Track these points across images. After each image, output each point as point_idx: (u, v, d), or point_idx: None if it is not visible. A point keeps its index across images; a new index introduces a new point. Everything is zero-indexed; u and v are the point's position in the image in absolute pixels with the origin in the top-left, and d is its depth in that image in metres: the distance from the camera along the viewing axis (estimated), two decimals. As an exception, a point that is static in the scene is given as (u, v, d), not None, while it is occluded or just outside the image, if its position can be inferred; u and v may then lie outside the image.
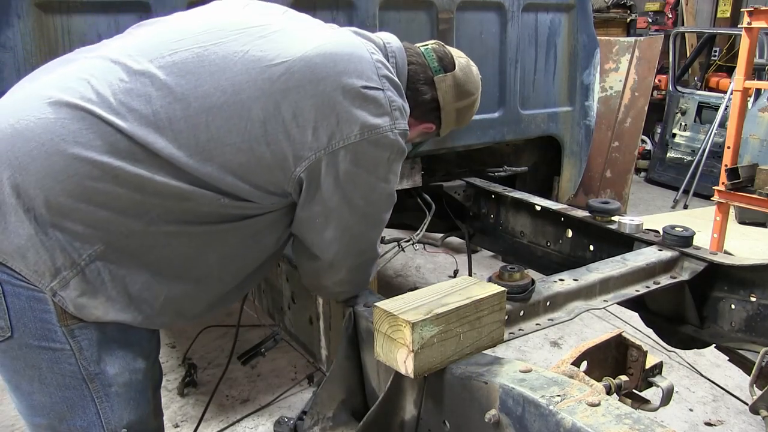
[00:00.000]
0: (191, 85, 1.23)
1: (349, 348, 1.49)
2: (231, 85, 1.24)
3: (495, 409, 1.08)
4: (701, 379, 3.13)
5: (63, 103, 1.19)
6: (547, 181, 3.18)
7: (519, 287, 1.57)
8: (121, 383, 1.30)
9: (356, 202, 1.34)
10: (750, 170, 3.73)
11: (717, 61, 7.80)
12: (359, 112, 1.27)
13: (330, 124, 1.25)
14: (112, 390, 1.29)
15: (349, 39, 1.37)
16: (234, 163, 1.24)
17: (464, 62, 1.64)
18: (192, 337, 3.31)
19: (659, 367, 1.45)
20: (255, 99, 1.23)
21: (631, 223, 2.07)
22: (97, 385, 1.27)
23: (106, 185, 1.18)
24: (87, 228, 1.19)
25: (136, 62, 1.24)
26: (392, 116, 1.31)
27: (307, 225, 1.38)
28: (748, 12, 3.63)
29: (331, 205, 1.32)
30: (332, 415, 1.48)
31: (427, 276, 4.51)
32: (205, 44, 1.27)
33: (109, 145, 1.18)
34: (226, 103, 1.23)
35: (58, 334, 1.23)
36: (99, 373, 1.27)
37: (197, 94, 1.23)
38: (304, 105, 1.25)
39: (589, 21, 2.99)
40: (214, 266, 1.36)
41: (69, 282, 1.20)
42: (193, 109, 1.22)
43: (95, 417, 1.28)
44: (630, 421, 0.94)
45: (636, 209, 6.17)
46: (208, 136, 1.22)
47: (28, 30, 1.75)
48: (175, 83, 1.22)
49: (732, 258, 1.89)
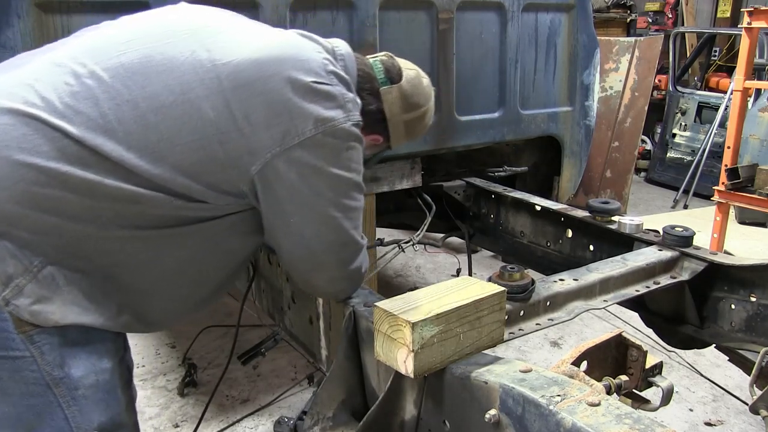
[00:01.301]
0: (139, 86, 1.22)
1: (349, 348, 1.49)
2: (179, 85, 1.22)
3: (495, 408, 1.08)
4: (701, 379, 3.13)
5: (6, 110, 1.17)
6: (547, 181, 3.18)
7: (519, 287, 1.57)
8: (88, 385, 1.27)
9: (324, 195, 1.32)
10: (750, 170, 3.74)
11: (717, 61, 7.80)
12: (311, 106, 1.26)
13: (283, 121, 1.25)
14: (78, 393, 1.26)
15: (296, 40, 1.38)
16: (186, 163, 1.23)
17: (413, 74, 1.62)
18: (192, 337, 3.31)
19: (659, 367, 1.45)
20: (204, 98, 1.23)
21: (631, 223, 2.07)
22: (63, 390, 1.25)
23: (54, 191, 1.16)
24: (37, 235, 1.18)
25: (81, 65, 1.23)
26: (345, 108, 1.31)
27: (281, 229, 1.36)
28: (748, 12, 3.63)
29: (299, 203, 1.31)
30: (332, 415, 1.47)
31: (427, 276, 4.51)
32: (152, 45, 1.26)
33: (56, 150, 1.16)
34: (174, 103, 1.22)
35: (17, 342, 1.20)
36: (63, 377, 1.24)
37: (145, 94, 1.21)
38: (254, 103, 1.24)
39: (589, 21, 2.99)
40: (171, 272, 1.35)
41: (23, 289, 1.18)
42: (141, 109, 1.21)
43: (64, 422, 1.25)
44: (630, 420, 0.94)
45: (636, 209, 6.17)
46: (158, 137, 1.21)
47: (28, 30, 1.75)
48: (122, 84, 1.21)
49: (732, 258, 1.89)
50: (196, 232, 1.32)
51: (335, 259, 1.43)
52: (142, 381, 3.10)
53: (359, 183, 1.40)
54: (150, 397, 2.98)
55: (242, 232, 1.41)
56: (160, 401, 2.95)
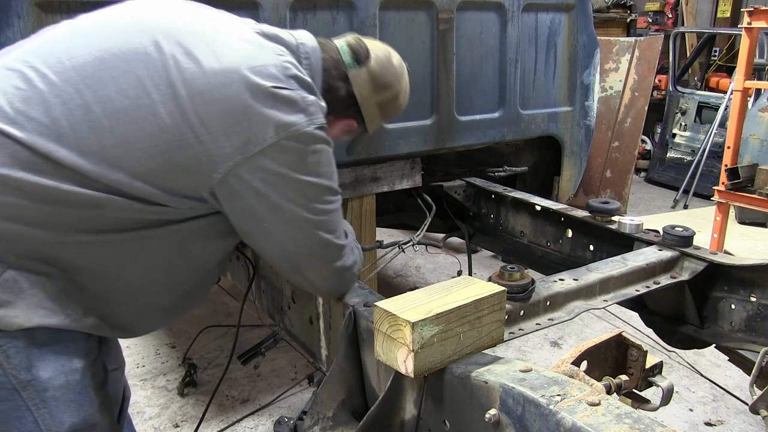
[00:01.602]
0: (91, 90, 1.18)
1: (349, 348, 1.49)
2: (133, 89, 1.19)
3: (495, 408, 1.08)
4: (701, 379, 3.13)
5: None
6: (547, 181, 3.18)
7: (519, 287, 1.57)
8: (57, 386, 1.24)
9: (294, 201, 1.29)
10: (750, 170, 3.74)
11: (717, 61, 7.81)
12: (272, 111, 1.22)
13: (243, 129, 1.21)
14: (48, 395, 1.23)
15: (256, 42, 1.33)
16: (143, 169, 1.20)
17: (382, 54, 1.57)
18: (192, 337, 3.31)
19: (659, 367, 1.45)
20: (160, 104, 1.19)
21: (631, 223, 2.07)
22: (31, 393, 1.22)
23: (9, 198, 1.15)
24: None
25: (33, 69, 1.20)
26: (307, 112, 1.27)
27: (256, 234, 1.34)
28: (748, 12, 3.63)
29: (269, 209, 1.29)
30: (332, 415, 1.47)
31: (427, 276, 4.51)
32: (106, 46, 1.23)
33: (8, 156, 1.14)
34: (130, 108, 1.19)
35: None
36: (31, 380, 1.22)
37: (98, 98, 1.18)
38: (212, 111, 1.20)
39: (589, 21, 2.99)
40: (137, 277, 1.33)
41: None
42: (95, 114, 1.18)
43: (34, 425, 1.23)
44: (630, 420, 0.94)
45: (636, 209, 6.17)
46: (113, 142, 1.18)
47: (28, 30, 1.75)
48: (74, 88, 1.18)
49: (732, 258, 1.89)
50: (160, 237, 1.29)
51: (317, 260, 1.41)
52: (142, 381, 3.10)
53: (330, 186, 1.37)
54: (150, 397, 2.98)
55: (209, 236, 1.38)
56: (160, 401, 2.95)
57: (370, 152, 2.38)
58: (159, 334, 3.59)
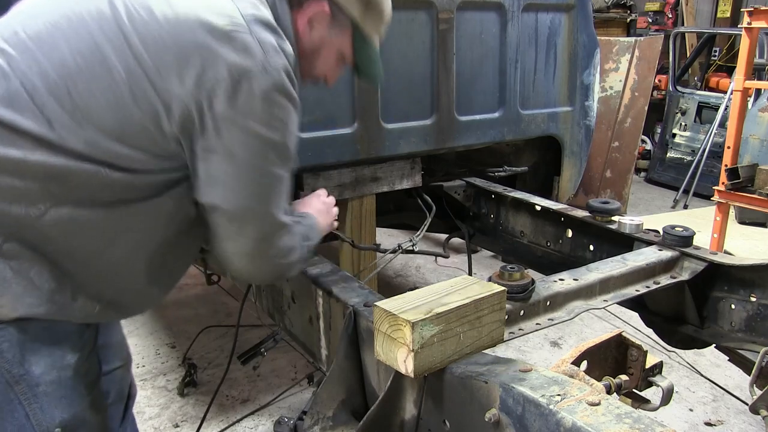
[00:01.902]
0: (47, 56, 1.17)
1: (349, 348, 1.49)
2: (87, 47, 1.17)
3: (495, 408, 1.08)
4: (701, 379, 3.13)
5: None
6: (547, 181, 3.18)
7: (519, 287, 1.57)
8: (49, 381, 1.25)
9: (239, 151, 1.23)
10: (750, 170, 3.74)
11: (717, 61, 7.81)
12: (225, 52, 1.17)
13: (195, 70, 1.17)
14: (39, 390, 1.24)
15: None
16: (106, 128, 1.18)
17: None
18: (192, 337, 3.32)
19: (659, 367, 1.45)
20: (113, 57, 1.17)
21: (631, 223, 2.07)
22: (24, 387, 1.23)
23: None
24: None
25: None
26: (265, 53, 1.21)
27: (202, 183, 1.27)
28: (748, 12, 3.63)
29: (219, 155, 1.23)
30: (332, 415, 1.48)
31: (427, 276, 4.51)
32: (60, 11, 1.21)
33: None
34: (85, 67, 1.17)
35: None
36: (24, 374, 1.22)
37: (54, 62, 1.17)
38: (166, 54, 1.17)
39: (589, 21, 2.99)
40: (122, 256, 1.30)
41: None
42: (52, 79, 1.16)
43: (25, 420, 1.24)
44: (630, 420, 0.94)
45: (636, 209, 6.17)
46: (72, 105, 1.16)
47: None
48: (31, 57, 1.17)
49: (732, 258, 1.89)
50: (139, 212, 1.26)
51: (251, 231, 1.32)
52: (142, 381, 3.10)
53: (283, 145, 1.28)
54: (150, 397, 2.98)
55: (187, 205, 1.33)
56: (160, 401, 2.95)
57: (370, 152, 2.38)
58: (159, 334, 3.59)
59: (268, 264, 1.40)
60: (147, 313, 3.86)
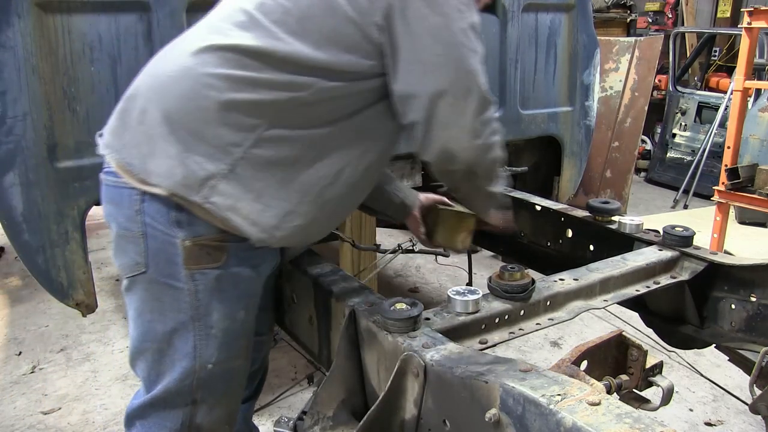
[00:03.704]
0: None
1: (350, 348, 1.49)
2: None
3: (495, 408, 1.08)
4: (701, 379, 3.13)
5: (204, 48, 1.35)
6: (547, 181, 3.18)
7: (519, 287, 1.57)
8: (221, 328, 1.46)
9: (444, 33, 1.32)
10: (750, 170, 3.74)
11: (717, 61, 7.81)
12: None
13: None
14: (212, 332, 1.45)
15: None
16: (320, 32, 1.32)
17: None
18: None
19: (659, 367, 1.46)
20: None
21: (631, 223, 2.07)
22: (201, 325, 1.44)
23: (225, 94, 1.31)
24: (217, 148, 1.32)
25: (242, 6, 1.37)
26: None
27: (406, 66, 1.35)
28: (748, 12, 3.63)
29: (424, 30, 1.31)
30: (332, 415, 1.48)
31: (427, 276, 4.51)
32: None
33: (233, 61, 1.32)
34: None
35: (182, 275, 1.39)
36: (205, 316, 1.43)
37: None
38: None
39: (589, 21, 2.99)
40: (338, 163, 1.43)
41: (216, 187, 1.33)
42: (287, 7, 1.32)
43: (192, 349, 1.45)
44: (630, 420, 0.94)
45: (636, 209, 6.18)
46: (297, 15, 1.31)
47: (28, 30, 1.75)
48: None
49: (732, 258, 1.89)
50: (370, 117, 1.42)
51: (471, 102, 1.38)
52: (142, 381, 3.10)
53: (475, 23, 1.38)
54: (150, 397, 2.98)
55: (388, 131, 1.48)
56: (160, 401, 2.95)
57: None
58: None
59: (485, 141, 1.46)
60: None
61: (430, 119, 1.36)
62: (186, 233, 1.37)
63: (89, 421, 2.81)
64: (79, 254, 1.96)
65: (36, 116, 1.80)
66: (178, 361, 1.46)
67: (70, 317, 3.73)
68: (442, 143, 1.40)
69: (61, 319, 3.76)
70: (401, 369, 1.28)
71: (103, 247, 4.95)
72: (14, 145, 1.79)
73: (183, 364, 1.46)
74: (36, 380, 3.14)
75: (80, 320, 3.65)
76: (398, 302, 1.41)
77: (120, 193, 1.40)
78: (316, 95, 1.34)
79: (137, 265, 1.41)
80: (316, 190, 1.42)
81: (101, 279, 4.34)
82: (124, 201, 1.39)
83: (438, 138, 1.39)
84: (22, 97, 1.78)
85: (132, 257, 1.41)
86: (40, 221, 1.87)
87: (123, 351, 3.42)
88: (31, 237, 1.86)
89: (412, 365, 1.27)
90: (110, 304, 3.98)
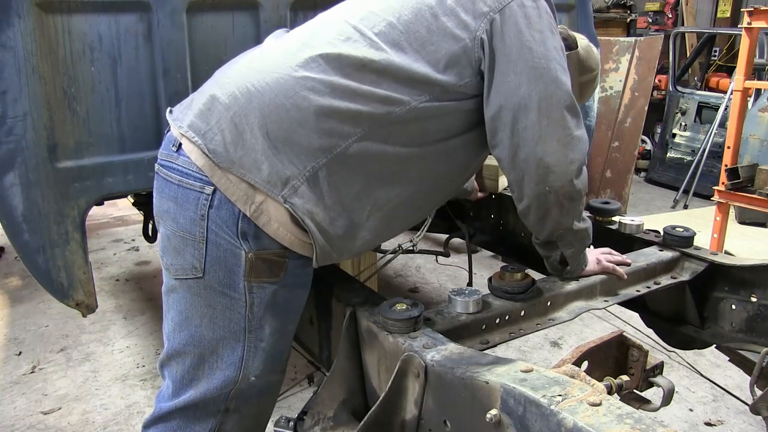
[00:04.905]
0: (392, 13, 1.41)
1: (350, 348, 1.49)
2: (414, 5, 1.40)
3: (496, 408, 1.08)
4: (701, 379, 3.13)
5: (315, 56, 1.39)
6: (548, 181, 3.17)
7: (520, 287, 1.57)
8: (270, 342, 1.46)
9: (544, 44, 1.40)
10: (750, 170, 3.74)
11: (717, 61, 7.81)
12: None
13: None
14: (261, 345, 1.45)
15: None
16: (423, 47, 1.37)
17: (585, 43, 1.82)
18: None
19: (660, 367, 1.46)
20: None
21: (632, 224, 2.07)
22: (252, 337, 1.44)
23: (325, 99, 1.33)
24: (306, 150, 1.34)
25: (349, 22, 1.43)
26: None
27: (502, 88, 1.40)
28: (748, 12, 3.63)
29: (520, 52, 1.38)
30: (333, 415, 1.48)
31: (427, 276, 4.51)
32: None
33: (335, 69, 1.36)
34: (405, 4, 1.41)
35: (240, 286, 1.38)
36: (257, 329, 1.43)
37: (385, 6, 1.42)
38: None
39: (589, 21, 2.99)
40: (414, 185, 1.46)
41: (297, 189, 1.33)
42: (385, 16, 1.39)
43: (239, 360, 1.45)
44: (631, 420, 0.94)
45: (636, 209, 6.17)
46: (402, 29, 1.37)
47: (28, 30, 1.75)
48: (377, 15, 1.42)
49: (732, 258, 1.89)
50: (454, 146, 1.46)
51: (558, 116, 1.42)
52: (142, 381, 3.10)
53: (557, 39, 1.46)
54: (150, 397, 2.98)
55: (475, 147, 1.52)
56: (160, 401, 2.95)
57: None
58: (159, 334, 3.59)
59: (574, 148, 1.46)
60: (146, 313, 3.86)
61: (521, 132, 1.40)
62: (251, 245, 1.35)
63: (89, 421, 2.81)
64: (79, 254, 1.95)
65: (36, 116, 1.80)
66: (219, 370, 1.45)
67: (70, 317, 3.73)
68: (538, 157, 1.42)
69: (61, 319, 3.76)
70: (402, 369, 1.28)
71: (103, 247, 4.96)
72: (14, 145, 1.78)
73: (226, 373, 1.44)
74: (36, 380, 3.14)
75: (80, 320, 3.65)
76: (399, 302, 1.41)
77: (186, 194, 1.38)
78: (410, 113, 1.36)
79: (193, 269, 1.39)
80: (388, 208, 1.43)
81: (101, 279, 4.35)
82: (189, 203, 1.37)
83: (534, 153, 1.42)
84: (23, 97, 1.77)
85: (188, 260, 1.39)
86: (41, 221, 1.86)
87: (123, 351, 3.42)
88: (31, 237, 1.86)
89: (412, 365, 1.27)
90: (110, 304, 3.98)
